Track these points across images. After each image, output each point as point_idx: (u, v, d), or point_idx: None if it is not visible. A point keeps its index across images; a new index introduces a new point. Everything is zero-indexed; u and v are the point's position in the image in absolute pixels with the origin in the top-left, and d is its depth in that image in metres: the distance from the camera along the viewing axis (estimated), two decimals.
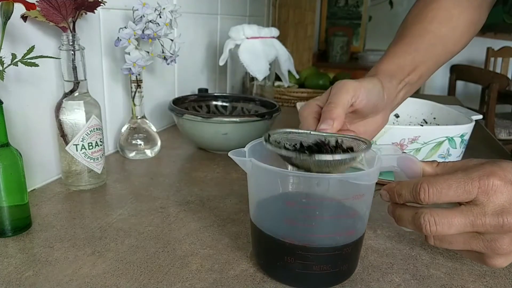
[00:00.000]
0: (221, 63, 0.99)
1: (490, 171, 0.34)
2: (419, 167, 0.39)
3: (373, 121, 0.48)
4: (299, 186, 0.38)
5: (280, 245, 0.36)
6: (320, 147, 0.37)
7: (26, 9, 0.50)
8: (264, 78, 1.02)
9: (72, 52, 0.53)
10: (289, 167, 0.37)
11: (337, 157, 0.35)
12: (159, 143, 0.74)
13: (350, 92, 0.42)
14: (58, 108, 0.55)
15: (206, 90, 0.97)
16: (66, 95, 0.55)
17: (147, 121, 0.73)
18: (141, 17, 0.64)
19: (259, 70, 0.93)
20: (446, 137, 0.62)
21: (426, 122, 0.81)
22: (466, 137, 0.64)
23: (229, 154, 0.37)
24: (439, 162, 0.39)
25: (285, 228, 0.37)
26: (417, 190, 0.35)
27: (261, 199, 0.40)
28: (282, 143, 0.38)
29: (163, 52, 0.71)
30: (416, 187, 0.35)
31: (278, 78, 1.35)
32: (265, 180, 0.38)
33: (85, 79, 0.56)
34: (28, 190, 0.54)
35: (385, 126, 0.50)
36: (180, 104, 0.79)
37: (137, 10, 0.64)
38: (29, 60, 0.46)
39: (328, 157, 0.35)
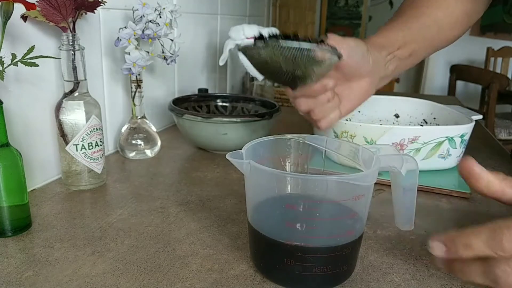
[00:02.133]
0: (221, 63, 0.99)
1: None
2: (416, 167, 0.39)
3: (358, 86, 0.49)
4: (297, 187, 0.38)
5: (280, 247, 0.36)
6: (288, 36, 0.37)
7: (26, 9, 0.50)
8: (264, 78, 1.02)
9: (72, 52, 0.53)
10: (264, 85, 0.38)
11: (304, 45, 0.34)
12: (159, 143, 0.74)
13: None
14: (58, 108, 0.55)
15: (206, 90, 0.97)
16: (66, 95, 0.55)
17: (147, 121, 0.73)
18: (141, 17, 0.64)
19: None
20: (446, 137, 0.62)
21: (426, 122, 0.81)
22: (466, 137, 0.64)
23: (227, 156, 0.37)
24: (506, 176, 0.33)
25: (285, 230, 0.37)
26: (497, 237, 0.27)
27: (259, 201, 0.40)
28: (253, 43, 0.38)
29: (163, 52, 0.71)
30: (494, 234, 0.28)
31: None
32: (263, 182, 0.38)
33: (85, 79, 0.56)
34: (28, 190, 0.54)
35: (385, 126, 0.50)
36: (180, 104, 0.79)
37: (137, 10, 0.64)
38: (29, 60, 0.46)
39: (294, 43, 0.34)
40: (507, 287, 0.28)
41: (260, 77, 0.94)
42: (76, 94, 0.55)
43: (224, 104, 0.87)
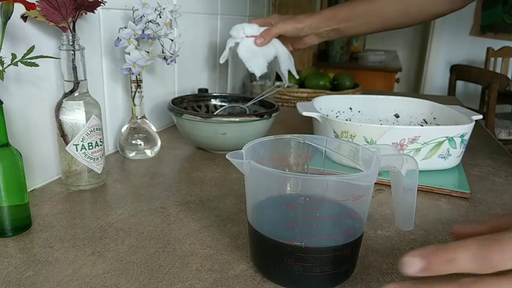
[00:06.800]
0: (222, 61, 0.99)
1: None
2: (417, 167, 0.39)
3: (301, 42, 0.96)
4: (297, 187, 0.38)
5: (280, 247, 0.36)
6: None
7: (26, 9, 0.50)
8: (265, 78, 1.02)
9: (72, 52, 0.53)
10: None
11: None
12: (159, 143, 0.74)
13: (281, 29, 0.90)
14: (58, 108, 0.55)
15: (206, 90, 0.97)
16: (66, 95, 0.55)
17: (147, 121, 0.73)
18: (141, 17, 0.64)
19: (257, 66, 0.93)
20: (446, 137, 0.62)
21: (426, 122, 0.81)
22: (466, 137, 0.64)
23: (227, 156, 0.37)
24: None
25: (285, 230, 0.37)
26: (486, 253, 0.25)
27: (259, 201, 0.40)
28: None
29: (163, 52, 0.71)
30: (483, 249, 0.25)
31: (278, 78, 1.35)
32: (263, 182, 0.38)
33: (85, 79, 0.56)
34: (28, 190, 0.54)
35: (385, 126, 0.50)
36: (179, 104, 0.79)
37: (137, 10, 0.64)
38: (29, 60, 0.46)
39: None
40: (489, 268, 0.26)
41: (258, 74, 0.94)
42: (76, 94, 0.55)
43: (223, 104, 0.87)
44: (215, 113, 0.85)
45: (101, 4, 0.55)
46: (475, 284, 0.26)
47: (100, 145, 0.58)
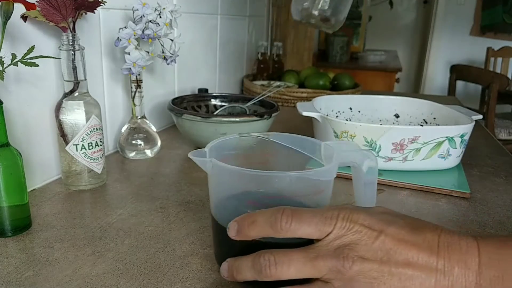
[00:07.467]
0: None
1: (343, 208, 0.33)
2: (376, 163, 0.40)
3: None
4: (259, 184, 0.38)
5: (244, 244, 0.35)
6: None
7: (26, 9, 0.50)
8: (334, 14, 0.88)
9: (72, 52, 0.53)
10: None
11: None
12: (159, 143, 0.74)
13: None
14: (58, 108, 0.55)
15: (206, 90, 0.97)
16: (66, 95, 0.55)
17: (147, 121, 0.73)
18: (141, 17, 0.64)
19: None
20: (446, 137, 0.62)
21: (426, 122, 0.81)
22: (466, 137, 0.64)
23: (189, 155, 0.38)
24: None
25: None
26: (277, 216, 0.32)
27: (222, 199, 0.40)
28: None
29: (163, 52, 0.71)
30: (275, 213, 0.32)
31: (279, 78, 1.35)
32: (226, 180, 0.38)
33: (85, 79, 0.56)
34: (28, 190, 0.54)
35: (385, 126, 0.51)
36: (179, 104, 0.79)
37: (137, 10, 0.64)
38: (29, 60, 0.46)
39: None
40: (268, 277, 0.31)
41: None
42: (76, 94, 0.55)
43: (223, 104, 0.87)
44: (215, 113, 0.85)
45: (101, 4, 0.55)
46: (263, 253, 0.32)
47: (100, 145, 0.58)
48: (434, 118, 0.79)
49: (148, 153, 0.72)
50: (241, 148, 0.45)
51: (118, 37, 0.64)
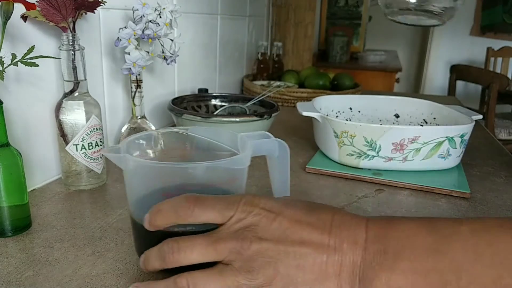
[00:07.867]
0: None
1: (246, 194, 0.35)
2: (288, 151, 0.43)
3: None
4: (175, 177, 0.38)
5: (161, 236, 0.35)
6: None
7: (26, 9, 0.50)
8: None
9: (72, 52, 0.53)
10: None
11: None
12: None
13: None
14: (58, 108, 0.55)
15: (206, 90, 0.97)
16: (66, 95, 0.55)
17: (147, 121, 0.73)
18: (141, 17, 0.64)
19: None
20: (446, 137, 0.62)
21: (426, 122, 0.81)
22: (466, 137, 0.64)
23: (102, 151, 0.38)
24: None
25: None
26: (182, 202, 0.33)
27: (140, 195, 0.40)
28: None
29: (163, 52, 0.71)
30: (181, 199, 0.33)
31: (279, 78, 1.35)
32: (141, 173, 0.38)
33: (85, 79, 0.56)
34: (28, 190, 0.54)
35: (385, 126, 0.51)
36: (179, 104, 0.79)
37: (137, 10, 0.64)
38: (29, 60, 0.46)
39: None
40: (172, 263, 0.32)
41: None
42: (76, 94, 0.55)
43: (223, 104, 0.87)
44: (215, 113, 0.85)
45: (101, 4, 0.55)
46: (167, 241, 0.33)
47: (100, 145, 0.58)
48: (434, 118, 0.79)
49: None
50: (160, 143, 0.45)
51: (118, 37, 0.64)
